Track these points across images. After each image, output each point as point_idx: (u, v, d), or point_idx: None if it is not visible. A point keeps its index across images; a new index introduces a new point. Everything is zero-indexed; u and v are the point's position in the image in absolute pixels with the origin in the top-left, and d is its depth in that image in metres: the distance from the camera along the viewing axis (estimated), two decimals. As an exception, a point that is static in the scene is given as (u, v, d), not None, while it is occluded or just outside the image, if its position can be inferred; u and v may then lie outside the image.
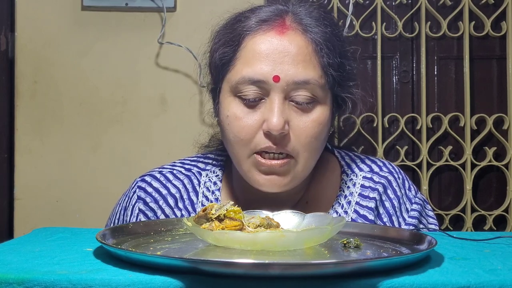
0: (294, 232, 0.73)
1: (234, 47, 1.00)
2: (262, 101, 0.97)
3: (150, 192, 1.08)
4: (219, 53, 1.01)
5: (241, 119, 0.97)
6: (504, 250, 0.77)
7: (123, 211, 1.10)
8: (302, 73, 0.96)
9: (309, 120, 0.97)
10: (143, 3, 1.91)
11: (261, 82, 0.95)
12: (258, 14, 1.00)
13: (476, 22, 1.98)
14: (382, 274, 0.62)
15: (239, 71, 0.98)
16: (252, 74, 0.96)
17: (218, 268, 0.61)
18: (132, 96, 1.93)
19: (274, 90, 0.95)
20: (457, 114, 1.98)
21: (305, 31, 0.99)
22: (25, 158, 1.92)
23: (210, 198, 1.08)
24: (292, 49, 0.96)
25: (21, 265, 0.66)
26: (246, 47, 0.98)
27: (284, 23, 0.99)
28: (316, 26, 1.00)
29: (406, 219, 1.06)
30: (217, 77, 1.03)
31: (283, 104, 0.95)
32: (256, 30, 0.99)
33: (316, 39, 0.99)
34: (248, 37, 0.99)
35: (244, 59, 0.98)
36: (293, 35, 0.98)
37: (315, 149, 0.99)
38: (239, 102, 0.98)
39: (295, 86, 0.95)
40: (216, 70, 1.03)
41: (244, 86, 0.96)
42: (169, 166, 1.13)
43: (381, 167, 1.11)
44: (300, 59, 0.96)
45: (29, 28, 1.92)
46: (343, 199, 1.07)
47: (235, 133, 0.98)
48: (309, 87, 0.96)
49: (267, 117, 0.95)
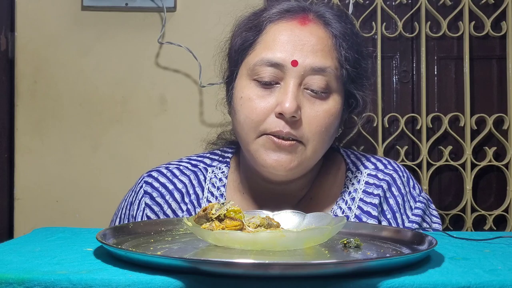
0: (294, 232, 0.73)
1: (256, 32, 1.02)
2: (277, 85, 0.98)
3: (156, 187, 1.09)
4: (241, 38, 1.04)
5: (254, 100, 0.98)
6: (504, 250, 0.77)
7: (129, 206, 1.11)
8: (320, 61, 0.98)
9: (322, 109, 0.99)
10: (143, 3, 1.91)
11: (279, 65, 0.97)
12: (282, 5, 1.04)
13: (476, 22, 1.98)
14: (382, 274, 0.62)
15: (258, 54, 1.00)
16: (271, 56, 0.98)
17: (218, 268, 0.61)
18: (132, 96, 1.93)
19: (290, 75, 0.97)
20: (457, 114, 1.98)
21: (326, 24, 1.02)
22: (25, 158, 1.92)
23: (215, 194, 1.09)
24: (312, 39, 0.99)
25: (21, 265, 0.66)
26: (268, 33, 1.01)
27: (306, 15, 1.02)
28: (336, 22, 1.03)
29: (409, 216, 1.07)
30: (236, 61, 1.05)
31: (297, 90, 0.97)
32: (279, 18, 1.02)
33: (336, 33, 1.02)
34: (270, 25, 1.02)
35: (265, 44, 1.01)
36: (314, 27, 1.01)
37: (324, 139, 1.00)
38: (254, 85, 0.99)
39: (311, 72, 0.97)
40: (236, 54, 1.05)
41: (262, 68, 0.98)
42: (175, 162, 1.15)
43: (386, 165, 1.12)
44: (319, 48, 0.99)
45: (29, 28, 1.92)
46: (347, 196, 1.08)
47: (247, 114, 0.99)
48: (325, 75, 0.98)
49: (281, 100, 0.96)
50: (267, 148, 0.97)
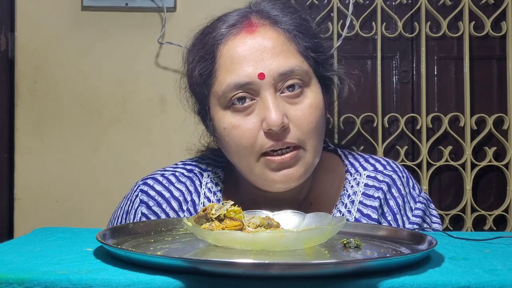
0: (294, 232, 0.72)
1: (211, 60, 0.99)
2: (254, 102, 0.96)
3: (153, 195, 1.08)
4: (198, 70, 1.01)
5: (239, 126, 0.96)
6: (504, 250, 0.77)
7: (125, 215, 1.09)
8: (284, 64, 0.96)
9: (305, 107, 0.97)
10: (143, 3, 1.91)
11: (248, 84, 0.95)
12: (225, 21, 1.01)
13: (476, 22, 1.98)
14: (382, 274, 0.62)
15: (223, 80, 0.97)
16: (237, 79, 0.95)
17: (218, 268, 0.61)
18: (132, 96, 1.93)
19: (263, 88, 0.95)
20: (457, 114, 1.98)
21: (274, 23, 0.99)
22: (25, 158, 1.92)
23: (211, 199, 1.08)
24: (267, 44, 0.96)
25: (21, 265, 0.66)
26: (223, 55, 0.98)
27: (251, 22, 0.99)
28: (283, 16, 1.00)
29: (410, 218, 1.06)
30: (202, 94, 1.02)
31: (275, 99, 0.95)
32: (227, 36, 0.98)
33: (287, 28, 0.99)
34: (221, 45, 0.98)
35: (224, 67, 0.97)
36: (264, 30, 0.98)
37: (318, 133, 0.98)
38: (232, 112, 0.97)
39: (281, 77, 0.95)
40: (199, 88, 1.02)
41: (232, 93, 0.95)
42: (170, 168, 1.12)
43: (385, 165, 1.11)
44: (278, 50, 0.96)
45: (29, 28, 1.92)
46: (347, 199, 1.07)
47: (237, 141, 0.96)
48: (295, 74, 0.96)
49: (265, 116, 0.94)
50: (272, 168, 0.96)
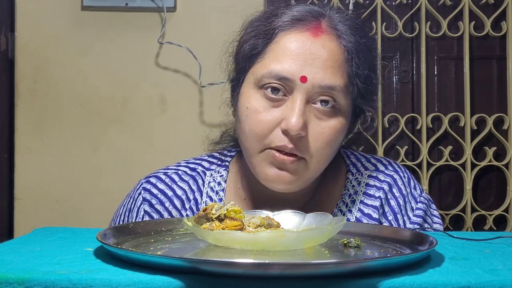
0: (294, 232, 0.73)
1: (266, 40, 0.99)
2: (285, 98, 0.96)
3: (155, 194, 1.07)
4: (250, 44, 1.00)
5: (260, 113, 0.96)
6: (504, 250, 0.77)
7: (127, 213, 1.09)
8: (329, 79, 0.95)
9: (327, 126, 0.96)
10: (143, 3, 1.91)
11: (287, 79, 0.95)
12: (294, 12, 1.00)
13: (476, 22, 1.98)
14: (382, 274, 0.62)
15: (267, 64, 0.97)
16: (280, 70, 0.95)
17: (218, 268, 0.61)
18: (132, 96, 1.93)
19: (298, 90, 0.94)
20: (457, 114, 1.98)
21: (339, 37, 0.98)
22: (25, 158, 1.92)
23: (214, 198, 1.07)
24: (323, 53, 0.95)
25: (21, 265, 0.66)
26: (278, 42, 0.98)
27: (319, 25, 0.98)
28: (350, 35, 0.99)
29: (411, 218, 1.06)
30: (243, 67, 1.02)
31: (304, 106, 0.94)
32: (290, 27, 0.98)
33: (348, 47, 0.98)
34: (281, 33, 0.98)
35: (274, 54, 0.97)
36: (327, 40, 0.97)
37: (327, 155, 0.98)
38: (261, 96, 0.97)
39: (320, 90, 0.94)
40: (243, 60, 1.01)
41: (270, 80, 0.95)
42: (174, 166, 1.12)
43: (386, 165, 1.11)
44: (330, 64, 0.95)
45: (29, 28, 1.92)
46: (348, 198, 1.07)
47: (252, 126, 0.96)
48: (334, 93, 0.95)
49: (287, 116, 0.94)
50: (270, 162, 0.96)
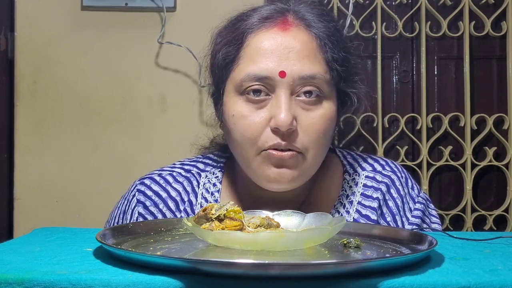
0: (294, 232, 0.73)
1: (237, 46, 0.99)
2: (268, 97, 0.96)
3: (149, 195, 1.07)
4: (222, 53, 1.01)
5: (247, 117, 0.96)
6: (504, 250, 0.77)
7: (122, 215, 1.09)
8: (308, 68, 0.95)
9: (317, 116, 0.96)
10: (143, 3, 1.91)
11: (267, 78, 0.95)
12: (260, 12, 1.00)
13: (476, 22, 1.98)
14: (382, 274, 0.62)
15: (244, 69, 0.97)
16: (257, 71, 0.95)
17: (218, 268, 0.61)
18: (132, 96, 1.93)
19: (280, 86, 0.95)
20: (457, 114, 1.98)
21: (308, 27, 0.99)
22: (25, 158, 1.92)
23: (209, 200, 1.07)
24: (296, 45, 0.96)
25: (21, 265, 0.66)
26: (250, 45, 0.98)
27: (286, 19, 0.99)
28: (318, 22, 1.00)
29: (409, 218, 1.06)
30: (221, 78, 1.02)
31: (290, 100, 0.95)
32: (259, 27, 0.98)
33: (319, 34, 0.99)
34: (251, 35, 0.98)
35: (248, 56, 0.97)
36: (297, 31, 0.98)
37: (323, 145, 0.98)
38: (244, 101, 0.97)
39: (301, 81, 0.95)
40: (219, 71, 1.02)
41: (249, 83, 0.95)
42: (168, 168, 1.12)
43: (383, 166, 1.10)
44: (305, 54, 0.96)
45: (29, 28, 1.92)
46: (345, 199, 1.07)
47: (242, 132, 0.96)
48: (315, 82, 0.96)
49: (275, 114, 0.94)
50: (268, 163, 0.96)
